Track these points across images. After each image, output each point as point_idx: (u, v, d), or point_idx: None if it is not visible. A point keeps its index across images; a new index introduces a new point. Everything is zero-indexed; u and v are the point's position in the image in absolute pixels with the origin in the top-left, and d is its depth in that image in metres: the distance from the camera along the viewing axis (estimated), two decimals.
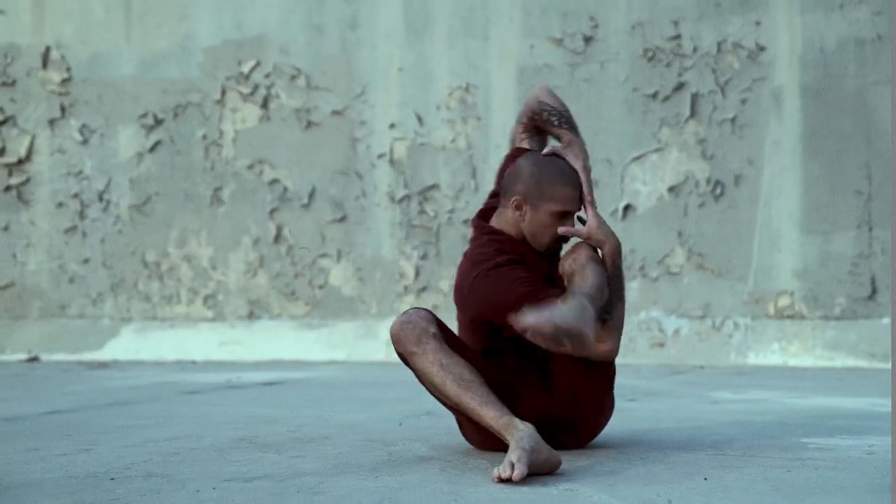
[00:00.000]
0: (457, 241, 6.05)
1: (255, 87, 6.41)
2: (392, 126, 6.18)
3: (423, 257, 6.11)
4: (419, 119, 6.13)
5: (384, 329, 6.13)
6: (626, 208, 5.77)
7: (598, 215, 2.53)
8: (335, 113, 6.27)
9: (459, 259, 5.98)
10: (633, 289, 5.70)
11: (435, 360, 2.37)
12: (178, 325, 6.47)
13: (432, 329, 2.40)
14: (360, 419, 3.21)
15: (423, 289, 6.10)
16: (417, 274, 6.12)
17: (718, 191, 5.63)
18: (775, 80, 5.54)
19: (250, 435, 2.87)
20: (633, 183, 5.77)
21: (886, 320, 5.28)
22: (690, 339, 5.62)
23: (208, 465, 2.41)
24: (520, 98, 5.96)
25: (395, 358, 5.94)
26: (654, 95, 5.72)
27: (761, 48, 5.56)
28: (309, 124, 6.31)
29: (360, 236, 6.22)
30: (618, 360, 5.97)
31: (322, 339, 6.21)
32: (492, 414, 2.34)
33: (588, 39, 5.85)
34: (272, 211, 6.36)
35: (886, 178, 5.33)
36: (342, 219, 6.25)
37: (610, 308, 2.43)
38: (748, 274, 5.56)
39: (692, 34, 5.68)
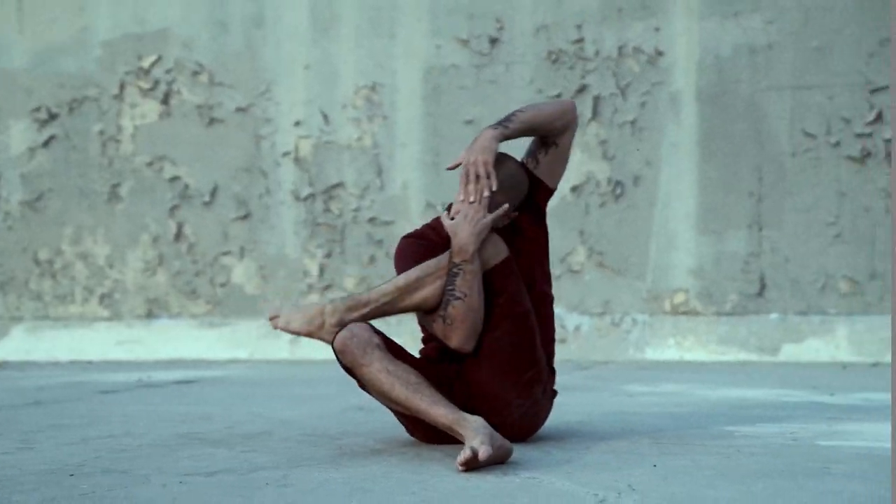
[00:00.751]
0: (362, 239, 6.09)
1: (156, 83, 6.32)
2: (297, 124, 6.17)
3: (328, 256, 6.13)
4: (325, 117, 6.14)
5: None
6: None
7: (465, 212, 2.53)
8: (239, 110, 6.22)
9: (364, 257, 6.04)
10: None
11: (381, 367, 2.43)
12: (73, 324, 6.33)
13: (375, 340, 2.47)
14: (294, 415, 3.23)
15: (328, 287, 6.11)
16: (322, 272, 6.13)
17: (618, 191, 5.80)
18: (673, 84, 5.74)
19: (190, 431, 2.87)
20: None
21: (774, 315, 5.53)
22: (591, 335, 5.78)
23: (161, 460, 2.40)
24: (426, 97, 6.04)
25: (301, 356, 5.95)
26: (558, 97, 5.85)
27: (660, 53, 5.75)
28: (212, 121, 6.25)
29: (263, 234, 6.20)
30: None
31: (224, 337, 6.17)
32: (442, 412, 2.40)
33: (494, 41, 5.96)
34: (172, 208, 6.28)
35: (776, 180, 5.58)
36: (245, 216, 6.21)
37: (446, 306, 2.49)
38: (646, 272, 5.75)
39: (594, 38, 5.84)
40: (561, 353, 5.69)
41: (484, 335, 2.49)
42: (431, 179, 6.04)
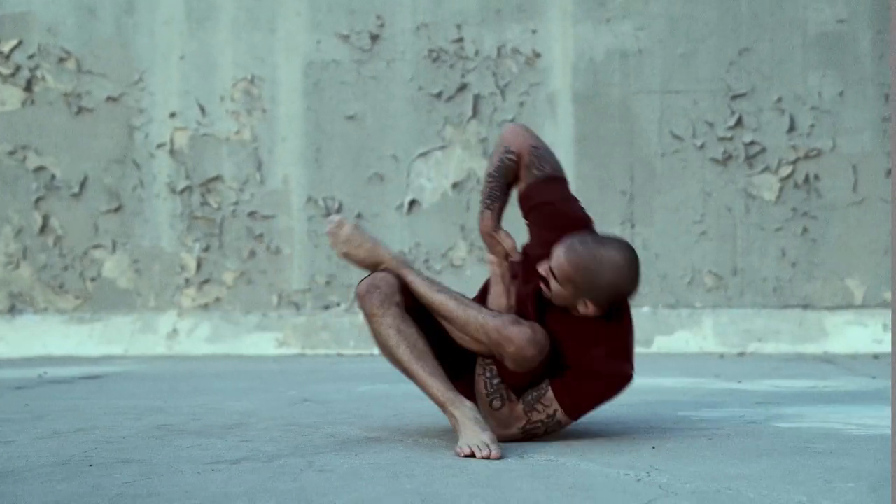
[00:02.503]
0: (241, 233, 6.04)
1: (17, 68, 6.07)
2: (173, 115, 6.06)
3: (206, 249, 6.04)
4: (202, 109, 6.05)
5: (163, 322, 6.01)
6: (412, 203, 5.99)
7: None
8: (110, 99, 6.05)
9: (244, 252, 5.99)
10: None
11: (393, 325, 2.47)
12: None
13: (397, 298, 2.49)
14: (249, 408, 3.22)
15: (206, 281, 6.03)
16: (199, 266, 6.03)
17: None
18: (550, 85, 5.96)
19: (165, 423, 2.83)
20: (419, 179, 6.01)
21: (645, 309, 5.83)
22: None
23: (165, 450, 2.38)
24: (307, 92, 6.04)
25: (179, 351, 5.85)
26: (439, 95, 5.98)
27: (538, 55, 5.96)
28: (80, 110, 6.06)
29: (137, 227, 6.05)
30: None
31: (96, 333, 5.99)
32: (437, 385, 2.47)
33: (375, 37, 6.02)
34: (38, 200, 6.05)
35: (647, 179, 5.89)
36: (118, 209, 6.05)
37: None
38: None
39: (474, 38, 5.99)
40: None
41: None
42: (313, 174, 6.05)
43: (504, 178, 2.69)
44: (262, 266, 6.04)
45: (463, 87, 5.98)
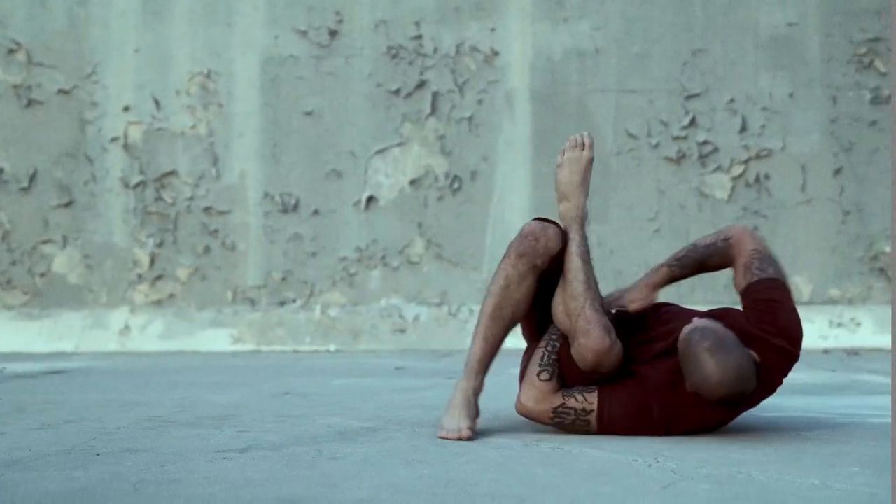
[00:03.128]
0: (196, 228, 5.97)
1: None
2: (127, 109, 5.97)
3: (160, 245, 5.97)
4: (157, 103, 5.98)
5: (115, 319, 5.92)
6: (369, 200, 5.99)
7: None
8: (62, 92, 5.95)
9: (199, 247, 5.92)
10: (375, 277, 5.94)
11: (510, 276, 2.50)
12: None
13: (540, 261, 2.49)
14: (235, 400, 3.19)
15: (159, 277, 5.96)
16: (153, 262, 5.96)
17: (456, 185, 6.00)
18: (508, 83, 6.00)
19: (154, 416, 2.79)
20: (376, 175, 6.00)
21: None
22: (430, 324, 5.95)
23: (166, 440, 2.36)
24: (264, 87, 6.00)
25: (131, 348, 5.76)
26: (397, 92, 5.98)
27: (496, 53, 5.99)
28: (30, 102, 5.94)
29: (88, 222, 5.95)
30: (360, 346, 6.16)
31: (45, 330, 5.88)
32: (477, 350, 2.55)
33: (333, 33, 6.00)
34: None
35: (603, 177, 5.96)
36: (68, 203, 5.94)
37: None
38: (482, 263, 5.98)
39: (433, 35, 6.01)
40: (401, 343, 5.85)
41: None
42: (270, 170, 6.01)
43: (703, 256, 2.66)
44: (217, 262, 5.99)
45: (421, 85, 5.99)
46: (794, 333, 2.51)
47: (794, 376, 4.04)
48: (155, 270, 5.95)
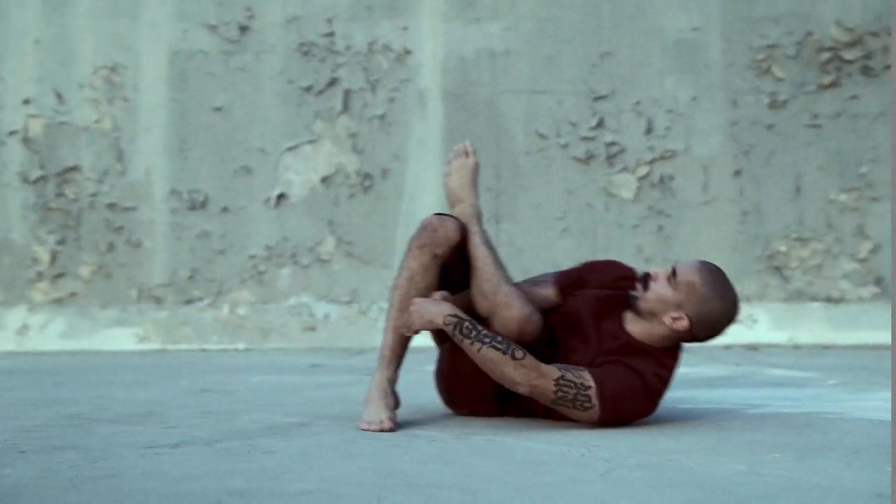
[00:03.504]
0: (99, 225, 5.84)
1: None
2: (26, 102, 5.81)
3: (61, 242, 5.82)
4: (59, 96, 5.83)
5: (12, 318, 5.76)
6: (280, 197, 5.94)
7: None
8: None
9: (102, 245, 5.80)
10: (285, 276, 5.90)
11: (413, 267, 2.59)
12: None
13: (440, 250, 2.57)
14: (153, 397, 3.14)
15: (60, 275, 5.81)
16: (54, 259, 5.81)
17: (367, 183, 5.99)
18: (420, 82, 6.02)
19: (71, 413, 2.73)
20: (287, 172, 5.96)
21: None
22: (340, 323, 5.93)
23: (93, 438, 2.31)
24: (172, 82, 5.91)
25: (30, 348, 5.62)
26: (309, 89, 5.95)
27: (408, 52, 6.01)
28: None
29: None
30: (270, 344, 6.11)
31: None
32: (389, 341, 2.62)
33: (244, 29, 5.94)
34: None
35: (512, 176, 6.02)
36: None
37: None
38: (393, 262, 5.98)
39: (345, 33, 5.99)
40: (311, 342, 5.82)
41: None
42: (177, 166, 5.91)
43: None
44: (121, 259, 5.87)
45: (333, 82, 5.97)
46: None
47: (702, 370, 4.17)
48: (56, 268, 5.81)
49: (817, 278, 6.02)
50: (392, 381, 2.54)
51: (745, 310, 6.01)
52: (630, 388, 2.46)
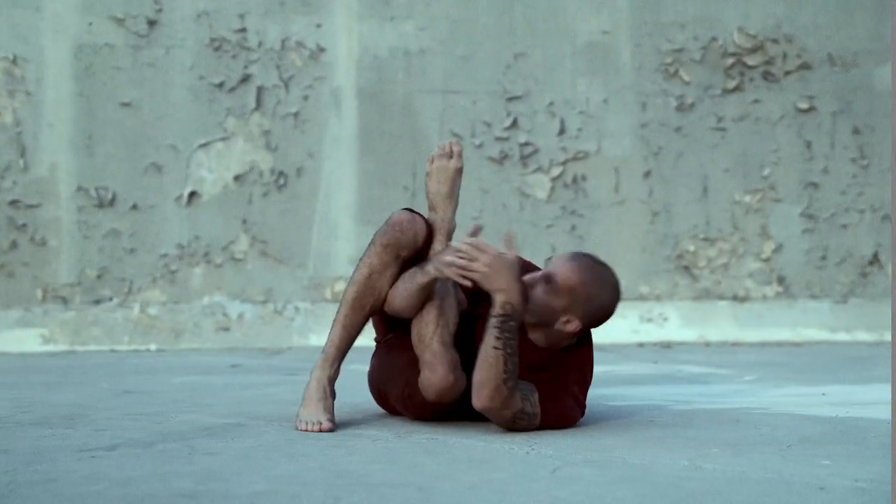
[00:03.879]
0: (2, 223, 5.66)
1: None
2: None
3: None
4: None
5: None
6: (192, 195, 5.84)
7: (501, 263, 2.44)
8: None
9: (3, 243, 5.63)
10: (197, 275, 5.80)
11: (372, 266, 2.50)
12: None
13: (405, 252, 2.48)
14: (75, 399, 3.05)
15: None
16: None
17: (282, 181, 5.92)
18: (335, 80, 5.97)
19: None
20: (199, 170, 5.86)
21: None
22: (255, 322, 5.85)
23: (22, 442, 2.23)
24: (77, 76, 5.75)
25: None
26: (221, 85, 5.86)
27: (322, 49, 5.96)
28: None
29: None
30: (183, 345, 5.99)
31: None
32: (334, 337, 2.51)
33: (152, 23, 5.82)
34: None
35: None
36: None
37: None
38: (308, 261, 5.93)
39: (258, 29, 5.91)
40: (225, 342, 5.73)
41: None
42: (84, 163, 5.76)
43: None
44: (24, 258, 5.70)
45: (246, 79, 5.88)
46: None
47: (623, 368, 4.23)
48: None
49: (724, 277, 6.16)
50: (332, 380, 2.50)
51: (656, 308, 6.12)
52: (568, 411, 2.46)
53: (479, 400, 2.31)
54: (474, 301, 2.52)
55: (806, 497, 1.72)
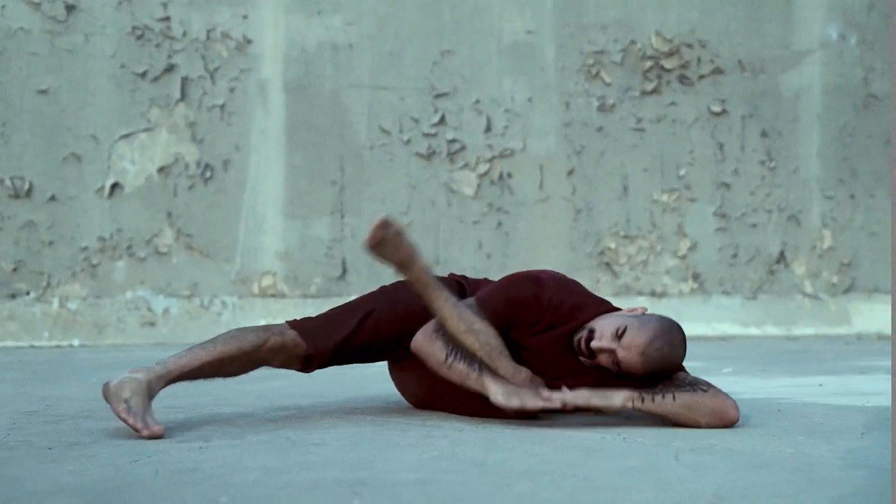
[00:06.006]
0: None
1: None
2: None
3: None
4: None
5: None
6: (114, 187, 5.62)
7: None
8: None
9: None
10: (120, 268, 5.59)
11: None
12: None
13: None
14: (59, 394, 2.89)
15: None
16: None
17: (208, 174, 5.76)
18: (262, 72, 5.85)
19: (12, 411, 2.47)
20: (121, 161, 5.64)
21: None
22: (181, 317, 5.67)
23: (63, 436, 2.10)
24: None
25: None
26: (144, 74, 5.66)
27: (249, 41, 5.82)
28: None
29: None
30: (106, 340, 5.77)
31: None
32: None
33: (71, 8, 5.57)
34: None
35: (356, 170, 5.97)
36: None
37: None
38: (235, 255, 5.79)
39: (182, 18, 5.73)
40: (151, 337, 5.54)
41: None
42: None
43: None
44: None
45: (170, 69, 5.70)
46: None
47: None
48: None
49: (643, 274, 6.33)
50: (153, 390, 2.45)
51: None
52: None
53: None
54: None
55: None
